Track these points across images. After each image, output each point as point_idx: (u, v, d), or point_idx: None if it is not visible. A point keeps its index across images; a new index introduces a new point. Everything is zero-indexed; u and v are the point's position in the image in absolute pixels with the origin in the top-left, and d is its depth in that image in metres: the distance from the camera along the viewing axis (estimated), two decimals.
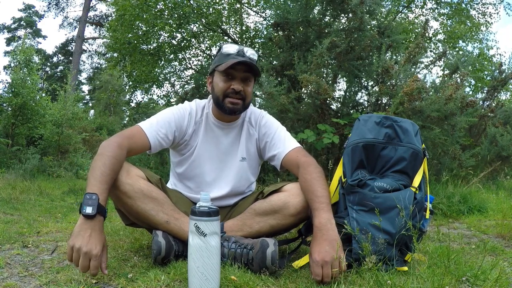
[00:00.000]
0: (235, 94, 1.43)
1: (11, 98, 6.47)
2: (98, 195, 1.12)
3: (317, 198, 1.25)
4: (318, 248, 1.13)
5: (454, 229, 2.19)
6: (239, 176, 1.55)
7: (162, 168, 4.45)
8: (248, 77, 1.46)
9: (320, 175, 1.34)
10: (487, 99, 4.77)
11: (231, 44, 1.49)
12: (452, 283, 1.11)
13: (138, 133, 1.39)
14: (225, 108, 1.45)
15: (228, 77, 1.44)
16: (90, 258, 1.07)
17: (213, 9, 6.21)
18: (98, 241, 1.09)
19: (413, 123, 1.41)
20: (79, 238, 1.08)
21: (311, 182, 1.30)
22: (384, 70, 3.09)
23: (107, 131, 13.03)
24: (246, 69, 1.43)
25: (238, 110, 1.46)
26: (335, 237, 1.16)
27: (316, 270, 1.10)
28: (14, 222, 2.13)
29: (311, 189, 1.28)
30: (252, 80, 1.49)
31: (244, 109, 1.49)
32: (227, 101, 1.44)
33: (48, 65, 23.53)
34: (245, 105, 1.48)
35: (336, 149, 3.50)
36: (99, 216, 1.13)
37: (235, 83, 1.43)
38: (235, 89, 1.42)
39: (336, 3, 3.63)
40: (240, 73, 1.43)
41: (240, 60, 1.39)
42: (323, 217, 1.20)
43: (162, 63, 7.11)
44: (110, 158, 1.23)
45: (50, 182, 5.07)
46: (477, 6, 7.71)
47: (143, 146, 1.40)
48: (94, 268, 1.08)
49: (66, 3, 20.73)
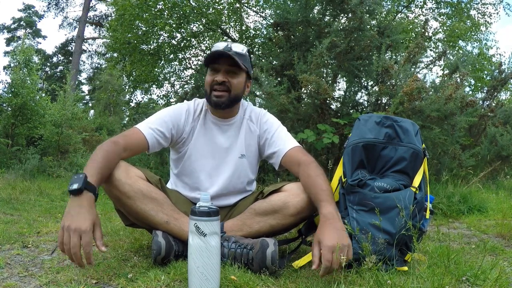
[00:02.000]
0: (218, 85, 1.44)
1: (11, 98, 6.46)
2: (85, 174, 1.12)
3: (323, 192, 1.26)
4: (329, 235, 1.13)
5: (454, 229, 2.19)
6: (238, 173, 1.55)
7: (162, 168, 4.44)
8: (233, 70, 1.46)
9: (322, 173, 1.35)
10: (487, 98, 4.78)
11: (221, 42, 1.51)
12: (452, 283, 1.11)
13: (135, 133, 1.40)
14: (211, 101, 1.47)
15: (213, 71, 1.46)
16: (80, 234, 1.03)
17: (213, 9, 6.20)
18: (87, 217, 1.07)
19: (413, 123, 1.41)
20: (68, 217, 1.06)
21: (315, 178, 1.31)
22: (384, 70, 3.09)
23: (107, 131, 13.01)
24: (229, 62, 1.44)
25: (223, 102, 1.45)
26: (343, 226, 1.17)
27: (327, 255, 1.09)
28: (14, 222, 2.13)
29: (315, 184, 1.29)
30: (240, 74, 1.48)
31: (231, 102, 1.48)
32: (212, 95, 1.46)
33: (48, 65, 23.53)
34: (231, 97, 1.46)
35: (336, 149, 3.50)
36: (87, 192, 1.11)
37: (218, 75, 1.44)
38: (217, 80, 1.44)
39: (336, 3, 3.62)
40: (224, 66, 1.45)
41: (217, 52, 1.41)
42: (331, 207, 1.21)
43: (162, 63, 7.10)
44: (102, 151, 1.25)
45: (50, 182, 5.07)
46: (477, 6, 7.71)
47: (140, 144, 1.40)
48: (86, 244, 1.04)
49: (65, 3, 20.70)
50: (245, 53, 1.49)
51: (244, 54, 1.49)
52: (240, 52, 1.47)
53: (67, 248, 1.04)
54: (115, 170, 1.28)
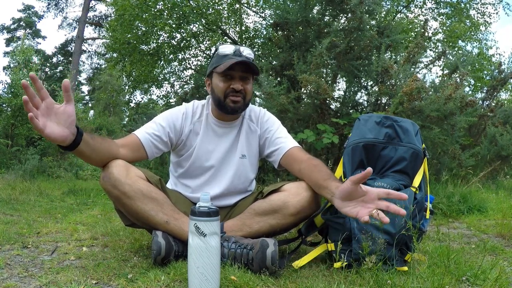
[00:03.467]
0: (235, 92, 1.44)
1: (11, 98, 6.46)
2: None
3: (332, 176, 1.26)
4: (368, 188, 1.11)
5: (454, 229, 2.19)
6: (239, 174, 1.55)
7: (162, 168, 4.45)
8: (246, 76, 1.46)
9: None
10: (487, 98, 4.78)
11: (228, 45, 1.50)
12: (452, 283, 1.11)
13: (130, 137, 1.43)
14: (227, 108, 1.46)
15: (227, 77, 1.45)
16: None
17: (213, 9, 6.20)
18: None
19: (413, 123, 1.41)
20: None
21: (320, 166, 1.32)
22: (384, 70, 3.09)
23: (107, 131, 13.01)
24: (244, 68, 1.44)
25: (240, 108, 1.47)
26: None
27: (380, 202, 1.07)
28: (14, 222, 2.13)
29: (323, 170, 1.30)
30: (251, 79, 1.50)
31: (245, 107, 1.50)
32: (228, 100, 1.45)
33: (48, 65, 23.51)
34: (245, 102, 1.48)
35: (335, 149, 3.50)
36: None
37: (234, 82, 1.44)
38: (235, 88, 1.43)
39: (335, 3, 3.63)
40: (239, 73, 1.44)
41: (238, 61, 1.40)
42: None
43: (161, 63, 7.10)
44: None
45: (50, 182, 5.06)
46: (477, 6, 7.72)
47: (136, 147, 1.41)
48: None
49: (65, 3, 20.66)
50: (253, 56, 1.51)
51: (253, 57, 1.51)
52: (251, 57, 1.48)
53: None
54: (115, 169, 1.27)
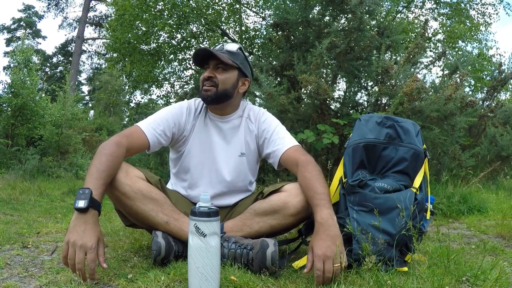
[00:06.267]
0: (206, 81, 1.49)
1: (11, 98, 6.46)
2: (91, 189, 1.13)
3: (317, 195, 1.25)
4: (320, 243, 1.13)
5: (454, 229, 2.19)
6: (238, 171, 1.55)
7: (162, 168, 4.45)
8: (220, 67, 1.49)
9: (319, 173, 1.34)
10: (487, 99, 4.78)
11: (219, 43, 1.57)
12: (452, 283, 1.11)
13: (136, 132, 1.41)
14: (202, 97, 1.52)
15: (205, 69, 1.53)
16: (86, 251, 1.07)
17: (213, 9, 6.21)
18: (92, 234, 1.10)
19: (414, 123, 1.41)
20: (74, 233, 1.08)
21: (311, 179, 1.30)
22: (384, 70, 3.09)
23: (107, 131, 13.02)
24: (216, 59, 1.48)
25: (209, 96, 1.48)
26: (337, 233, 1.16)
27: (318, 264, 1.10)
28: (14, 222, 2.13)
29: (311, 187, 1.29)
30: (230, 70, 1.50)
31: (217, 97, 1.49)
32: (202, 90, 1.50)
33: (48, 65, 23.52)
34: (218, 92, 1.49)
35: (335, 149, 3.50)
36: (92, 210, 1.13)
37: (206, 71, 1.51)
38: (204, 76, 1.50)
39: (335, 3, 3.63)
40: (212, 64, 1.50)
41: (198, 49, 1.50)
42: (325, 213, 1.20)
43: (161, 63, 7.11)
44: (107, 156, 1.24)
45: (50, 182, 5.07)
46: (477, 6, 7.72)
47: (142, 143, 1.41)
48: (91, 261, 1.07)
49: (65, 3, 20.70)
50: (236, 50, 1.53)
51: (236, 51, 1.53)
52: (231, 50, 1.52)
53: (72, 263, 1.07)
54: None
